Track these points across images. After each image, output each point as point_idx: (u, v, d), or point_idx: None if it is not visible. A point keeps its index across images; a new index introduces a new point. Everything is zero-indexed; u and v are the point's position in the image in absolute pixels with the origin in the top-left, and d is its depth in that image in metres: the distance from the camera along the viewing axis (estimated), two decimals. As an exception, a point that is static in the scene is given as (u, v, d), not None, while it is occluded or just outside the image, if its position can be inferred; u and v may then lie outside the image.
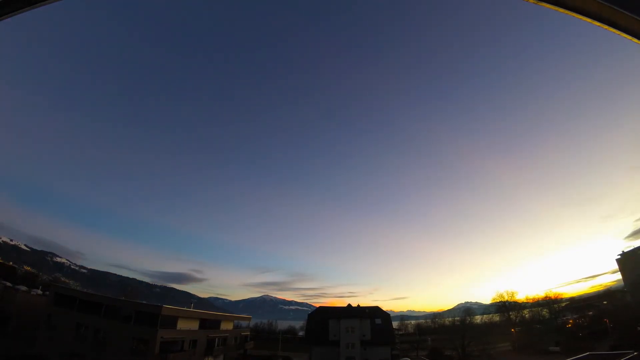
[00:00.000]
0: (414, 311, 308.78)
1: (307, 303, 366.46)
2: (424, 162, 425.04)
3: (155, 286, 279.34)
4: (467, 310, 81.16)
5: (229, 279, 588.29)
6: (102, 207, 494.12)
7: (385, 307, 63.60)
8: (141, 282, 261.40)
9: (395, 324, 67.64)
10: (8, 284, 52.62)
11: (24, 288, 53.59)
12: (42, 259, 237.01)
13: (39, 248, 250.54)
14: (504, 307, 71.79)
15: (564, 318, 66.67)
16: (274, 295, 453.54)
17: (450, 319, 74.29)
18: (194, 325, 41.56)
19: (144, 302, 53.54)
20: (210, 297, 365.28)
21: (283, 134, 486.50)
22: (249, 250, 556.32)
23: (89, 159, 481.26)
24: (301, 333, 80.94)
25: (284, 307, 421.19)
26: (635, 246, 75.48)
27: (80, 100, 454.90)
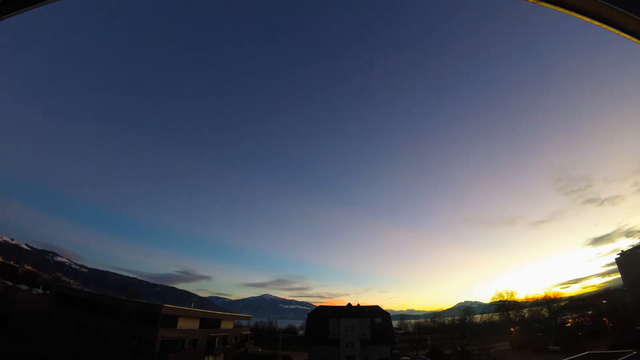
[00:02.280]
0: (413, 310, 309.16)
1: (307, 302, 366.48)
2: (425, 162, 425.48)
3: (155, 285, 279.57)
4: (466, 309, 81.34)
5: (229, 278, 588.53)
6: (103, 206, 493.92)
7: (384, 306, 63.79)
8: (141, 282, 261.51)
9: (395, 323, 67.86)
10: (9, 283, 52.67)
11: (24, 287, 53.66)
12: (42, 258, 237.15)
13: (39, 247, 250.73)
14: (504, 307, 71.98)
15: (564, 317, 66.87)
16: (274, 295, 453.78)
17: (449, 318, 74.54)
18: (195, 325, 41.70)
19: (145, 301, 53.68)
20: (210, 297, 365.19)
21: (284, 136, 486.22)
22: (249, 249, 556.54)
23: (90, 158, 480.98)
24: (301, 332, 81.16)
25: (284, 306, 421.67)
26: (631, 246, 75.75)
27: (81, 100, 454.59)
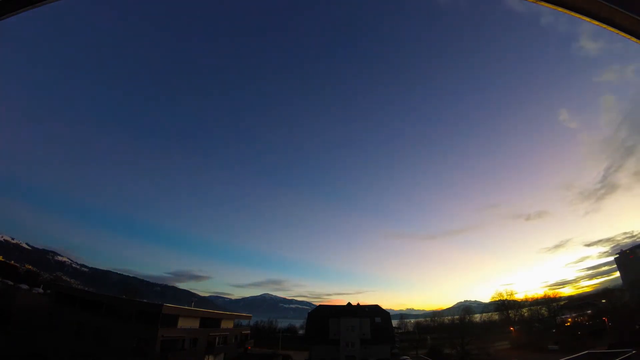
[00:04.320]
0: (413, 310, 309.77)
1: (307, 302, 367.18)
2: (423, 162, 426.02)
3: (156, 285, 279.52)
4: (466, 308, 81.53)
5: (229, 278, 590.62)
6: (104, 207, 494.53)
7: (384, 305, 63.97)
8: (142, 281, 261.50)
9: (394, 323, 67.93)
10: (10, 282, 52.81)
11: (25, 287, 53.78)
12: (43, 257, 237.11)
13: (40, 247, 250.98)
14: (503, 306, 72.01)
15: (563, 317, 66.90)
16: (274, 294, 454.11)
17: (449, 317, 74.70)
18: (195, 324, 41.72)
19: (145, 300, 53.80)
20: (210, 296, 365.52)
21: (284, 136, 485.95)
22: (249, 248, 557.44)
23: (92, 160, 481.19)
24: (301, 332, 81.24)
25: (284, 305, 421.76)
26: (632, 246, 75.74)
27: (83, 100, 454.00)
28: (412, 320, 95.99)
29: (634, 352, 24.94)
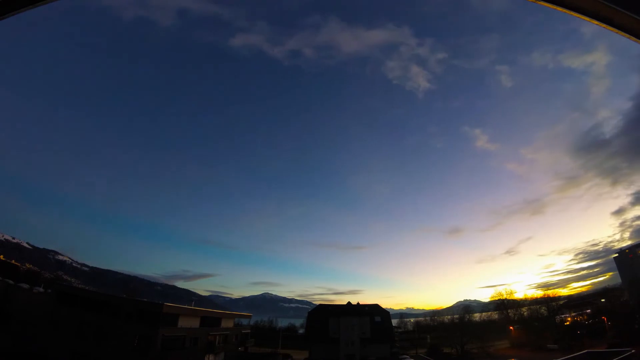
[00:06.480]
0: (413, 309, 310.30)
1: (307, 301, 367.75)
2: (423, 161, 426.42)
3: (156, 284, 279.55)
4: (465, 308, 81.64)
5: (229, 277, 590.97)
6: (104, 205, 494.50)
7: (384, 304, 64.15)
8: (142, 280, 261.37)
9: (394, 322, 68.06)
10: (10, 281, 52.78)
11: (26, 286, 53.79)
12: (44, 256, 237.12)
13: (41, 246, 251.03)
14: (503, 305, 72.15)
15: (562, 316, 67.02)
16: (274, 293, 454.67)
17: (449, 316, 74.87)
18: (195, 323, 41.81)
19: (146, 300, 53.84)
20: (211, 295, 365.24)
21: (283, 139, 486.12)
22: (249, 248, 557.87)
23: (93, 160, 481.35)
24: (301, 331, 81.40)
25: (285, 304, 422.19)
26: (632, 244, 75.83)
27: (84, 100, 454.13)
28: (412, 320, 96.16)
29: (633, 351, 25.03)
